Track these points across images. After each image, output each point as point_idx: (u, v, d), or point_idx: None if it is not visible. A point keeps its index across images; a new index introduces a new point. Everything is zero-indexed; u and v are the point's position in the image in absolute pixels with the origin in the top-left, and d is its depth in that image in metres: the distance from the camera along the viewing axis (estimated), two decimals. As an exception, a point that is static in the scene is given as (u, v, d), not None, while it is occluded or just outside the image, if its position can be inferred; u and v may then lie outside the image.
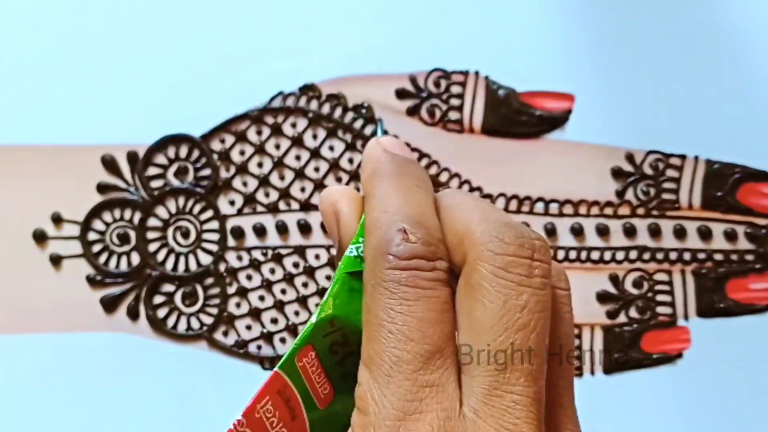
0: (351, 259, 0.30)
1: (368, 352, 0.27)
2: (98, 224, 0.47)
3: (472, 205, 0.30)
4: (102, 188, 0.46)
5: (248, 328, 0.47)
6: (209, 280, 0.47)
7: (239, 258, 0.47)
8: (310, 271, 0.47)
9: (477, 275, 0.28)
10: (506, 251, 0.28)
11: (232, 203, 0.47)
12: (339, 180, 0.47)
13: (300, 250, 0.47)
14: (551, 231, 0.47)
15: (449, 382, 0.27)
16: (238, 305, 0.47)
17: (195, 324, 0.47)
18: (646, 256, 0.47)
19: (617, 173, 0.47)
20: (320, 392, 0.29)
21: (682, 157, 0.47)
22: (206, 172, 0.47)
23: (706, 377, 0.46)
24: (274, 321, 0.47)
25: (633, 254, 0.47)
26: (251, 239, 0.47)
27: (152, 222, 0.47)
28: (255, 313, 0.47)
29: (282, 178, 0.47)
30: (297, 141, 0.47)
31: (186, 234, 0.47)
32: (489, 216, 0.29)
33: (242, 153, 0.47)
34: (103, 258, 0.46)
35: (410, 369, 0.26)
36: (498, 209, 0.30)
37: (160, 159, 0.47)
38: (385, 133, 0.43)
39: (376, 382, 0.27)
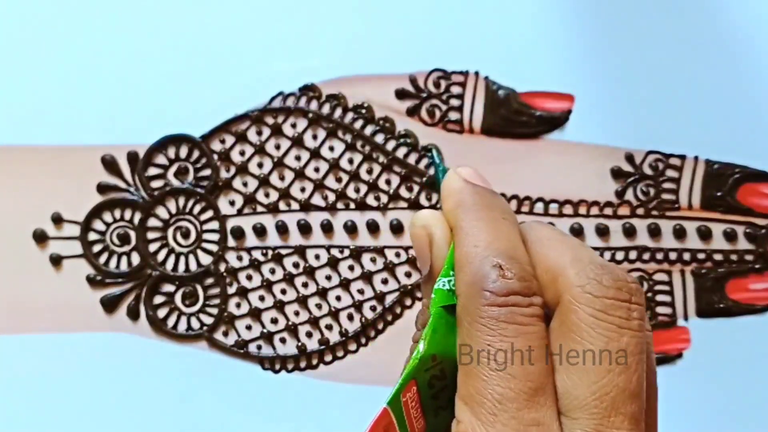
0: (444, 293, 0.29)
1: (468, 389, 0.27)
2: (98, 224, 0.47)
3: (562, 242, 0.30)
4: (102, 188, 0.46)
5: (248, 328, 0.47)
6: (209, 280, 0.47)
7: (239, 258, 0.47)
8: (310, 271, 0.47)
9: (574, 316, 0.28)
10: (605, 294, 0.28)
11: (232, 203, 0.47)
12: (339, 180, 0.47)
13: (300, 250, 0.47)
14: (551, 231, 0.47)
15: (552, 421, 0.26)
16: (238, 305, 0.47)
17: (195, 324, 0.47)
18: (646, 256, 0.47)
19: (617, 173, 0.47)
20: (416, 427, 0.29)
21: (682, 157, 0.47)
22: (206, 172, 0.47)
23: (706, 377, 0.46)
24: (274, 321, 0.47)
25: (633, 254, 0.47)
26: (251, 239, 0.47)
27: (152, 222, 0.47)
28: (255, 313, 0.47)
29: (282, 178, 0.47)
30: (297, 141, 0.47)
31: (186, 234, 0.47)
32: (582, 255, 0.29)
33: (242, 153, 0.47)
34: (103, 258, 0.46)
35: (515, 407, 0.26)
36: (586, 246, 0.30)
37: (161, 159, 0.47)
38: (441, 159, 0.44)
39: (479, 421, 0.26)
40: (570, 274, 0.28)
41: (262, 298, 0.47)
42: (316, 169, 0.47)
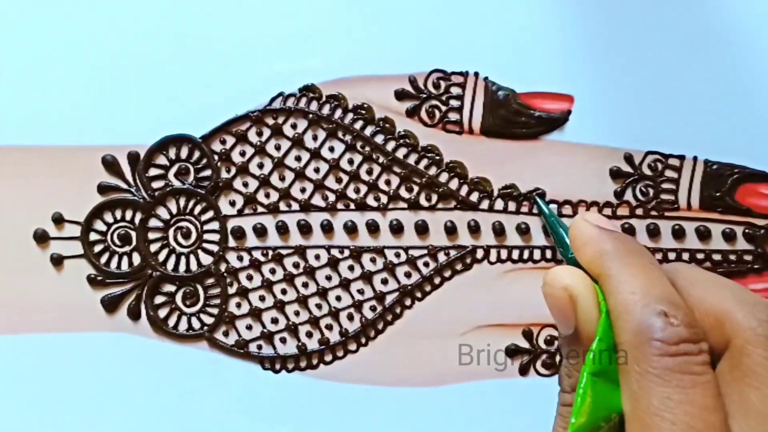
0: (597, 356, 0.29)
1: None
2: (99, 225, 0.47)
3: (719, 283, 0.29)
4: (103, 189, 0.47)
5: (249, 328, 0.47)
6: (210, 281, 0.47)
7: (240, 258, 0.47)
8: (310, 271, 0.47)
9: (748, 360, 0.27)
10: None
11: (232, 204, 0.47)
12: (339, 181, 0.47)
13: (300, 251, 0.47)
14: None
15: None
16: (238, 305, 0.47)
17: (196, 324, 0.47)
18: (645, 256, 0.47)
19: (616, 174, 0.47)
20: None
21: (681, 157, 0.47)
22: (207, 172, 0.47)
23: (705, 377, 0.47)
24: (275, 321, 0.47)
25: (632, 254, 0.47)
26: (252, 239, 0.47)
27: (153, 222, 0.47)
28: (255, 313, 0.47)
29: (282, 178, 0.47)
30: (297, 142, 0.47)
31: (187, 234, 0.47)
32: (746, 297, 0.29)
33: (243, 154, 0.47)
34: (104, 258, 0.47)
35: None
36: (743, 287, 0.30)
37: (161, 160, 0.47)
38: (547, 205, 0.44)
39: None
40: (738, 317, 0.28)
41: (262, 298, 0.47)
42: (316, 170, 0.47)
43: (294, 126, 0.47)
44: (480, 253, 0.47)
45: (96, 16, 0.47)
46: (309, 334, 0.47)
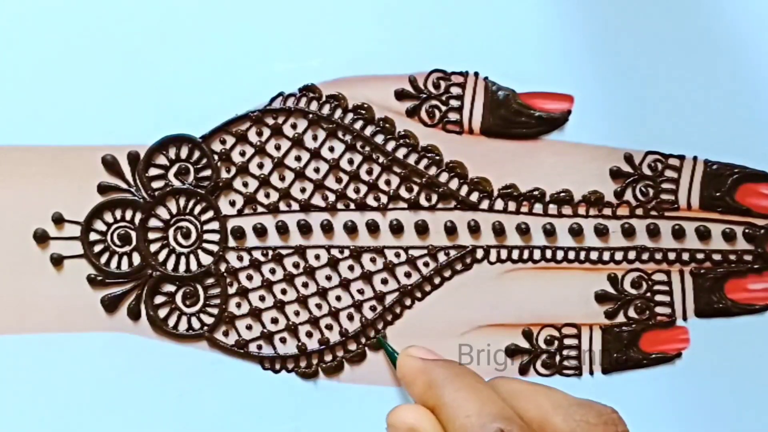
0: None
1: None
2: (99, 225, 0.47)
3: (535, 391, 0.31)
4: (103, 189, 0.47)
5: (249, 328, 0.47)
6: (210, 281, 0.47)
7: (240, 258, 0.47)
8: (310, 271, 0.47)
9: None
10: None
11: (232, 204, 0.47)
12: (339, 181, 0.47)
13: (300, 251, 0.47)
14: (550, 231, 0.47)
15: None
16: (238, 305, 0.47)
17: (196, 324, 0.47)
18: (645, 256, 0.47)
19: (616, 174, 0.47)
20: None
21: (681, 157, 0.47)
22: (207, 172, 0.47)
23: (705, 377, 0.47)
24: (275, 321, 0.47)
25: (632, 254, 0.47)
26: (252, 239, 0.47)
27: (153, 222, 0.47)
28: (255, 313, 0.47)
29: (282, 178, 0.47)
30: (297, 142, 0.47)
31: (187, 234, 0.47)
32: (559, 400, 0.30)
33: (243, 154, 0.47)
34: (104, 258, 0.47)
35: None
36: (555, 389, 0.31)
37: (161, 160, 0.47)
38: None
39: None
40: (557, 421, 0.29)
41: (262, 298, 0.47)
42: (316, 170, 0.47)
43: (294, 126, 0.47)
44: (480, 253, 0.47)
45: (96, 16, 0.47)
46: (309, 334, 0.47)
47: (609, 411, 0.29)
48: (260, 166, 0.47)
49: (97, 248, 0.47)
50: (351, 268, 0.47)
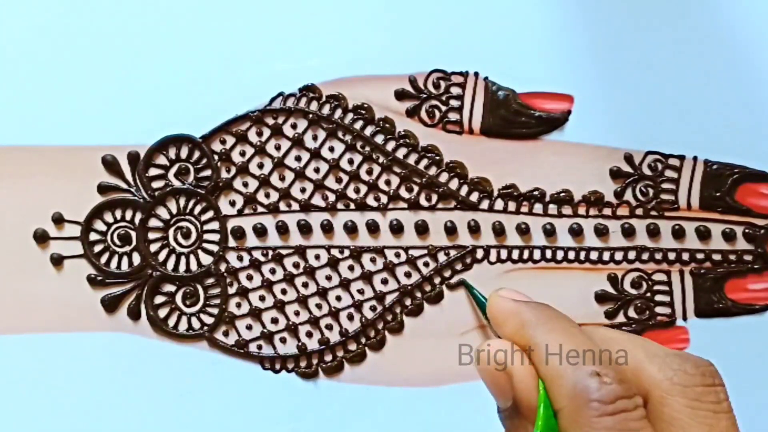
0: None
1: None
2: (99, 225, 0.47)
3: (629, 340, 0.30)
4: (103, 189, 0.47)
5: (249, 328, 0.47)
6: (210, 280, 0.47)
7: (240, 258, 0.47)
8: (310, 271, 0.47)
9: (669, 410, 0.28)
10: (694, 383, 0.29)
11: (232, 204, 0.47)
12: (339, 181, 0.47)
13: (300, 251, 0.47)
14: (550, 231, 0.47)
15: None
16: (238, 305, 0.47)
17: (196, 324, 0.47)
18: (645, 256, 0.47)
19: (616, 174, 0.47)
20: None
21: (681, 157, 0.47)
22: (207, 172, 0.47)
23: (705, 377, 0.47)
24: (275, 321, 0.47)
25: (632, 254, 0.47)
26: (252, 239, 0.47)
27: (153, 222, 0.47)
28: (255, 313, 0.47)
29: (282, 178, 0.47)
30: (297, 142, 0.47)
31: (187, 234, 0.47)
32: (655, 351, 0.30)
33: (243, 154, 0.47)
34: (104, 258, 0.47)
35: None
36: (650, 342, 0.31)
37: (161, 160, 0.47)
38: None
39: None
40: (653, 370, 0.29)
41: (262, 298, 0.47)
42: (316, 170, 0.47)
43: (294, 126, 0.47)
44: (480, 253, 0.47)
45: (96, 17, 0.47)
46: (309, 334, 0.47)
47: (706, 363, 0.29)
48: (260, 166, 0.47)
49: (97, 248, 0.47)
50: (351, 268, 0.47)
